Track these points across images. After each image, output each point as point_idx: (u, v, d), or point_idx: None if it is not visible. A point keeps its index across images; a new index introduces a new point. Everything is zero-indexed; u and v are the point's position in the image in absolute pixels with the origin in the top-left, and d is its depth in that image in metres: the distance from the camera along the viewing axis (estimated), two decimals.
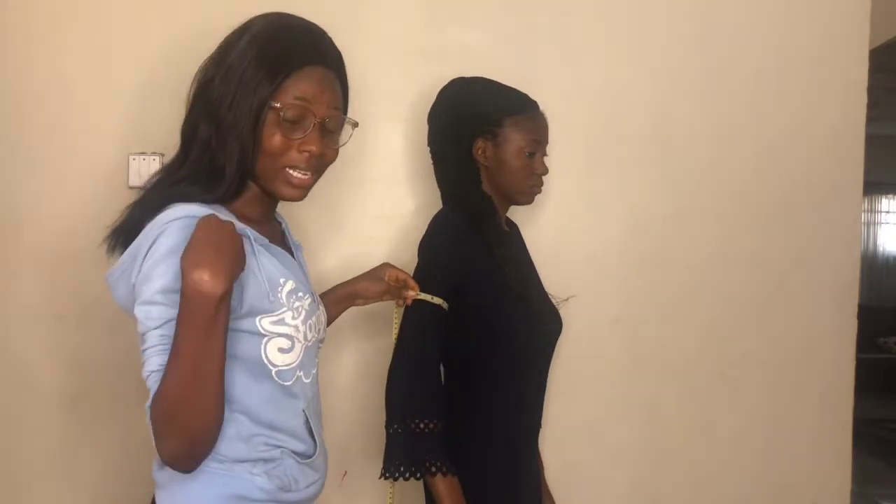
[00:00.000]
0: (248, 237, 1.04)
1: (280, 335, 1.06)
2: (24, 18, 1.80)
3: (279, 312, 1.06)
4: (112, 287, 1.05)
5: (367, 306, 1.47)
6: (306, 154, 1.06)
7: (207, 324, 0.89)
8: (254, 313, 1.03)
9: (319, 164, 1.09)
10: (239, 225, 1.02)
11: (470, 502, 1.35)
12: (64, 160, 1.81)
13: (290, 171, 1.06)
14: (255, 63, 1.03)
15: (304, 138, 1.05)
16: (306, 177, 1.08)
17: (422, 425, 1.32)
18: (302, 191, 1.09)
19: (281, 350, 1.06)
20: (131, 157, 1.80)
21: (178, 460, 0.96)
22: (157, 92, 1.77)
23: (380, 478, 1.35)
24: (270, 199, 1.13)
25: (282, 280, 1.08)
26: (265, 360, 1.05)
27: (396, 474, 1.33)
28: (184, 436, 0.93)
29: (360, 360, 1.84)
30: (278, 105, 1.03)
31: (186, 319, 0.90)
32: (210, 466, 1.03)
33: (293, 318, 1.07)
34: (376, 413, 1.39)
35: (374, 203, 1.88)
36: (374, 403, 1.40)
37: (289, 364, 1.07)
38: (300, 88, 1.04)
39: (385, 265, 1.41)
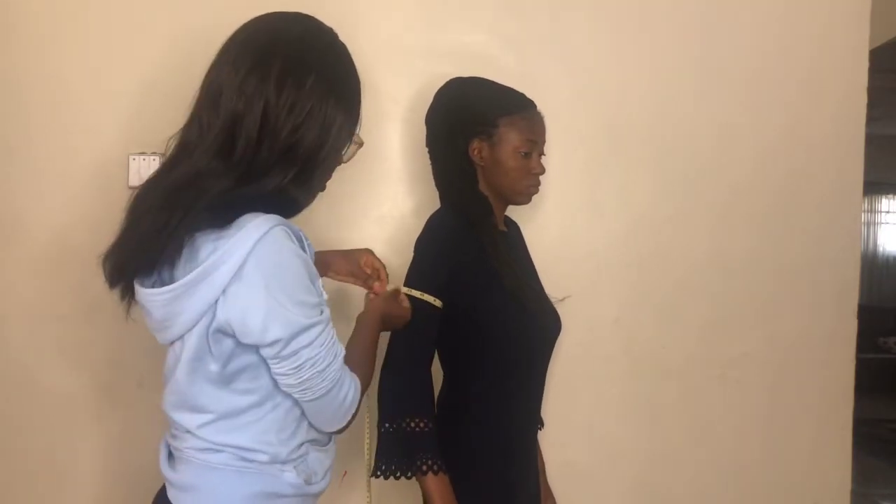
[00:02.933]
0: (303, 238, 1.07)
1: None
2: (24, 19, 1.80)
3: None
4: (159, 307, 1.02)
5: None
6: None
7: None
8: None
9: None
10: (295, 227, 1.05)
11: (466, 502, 1.35)
12: (64, 160, 1.81)
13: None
14: (347, 108, 1.07)
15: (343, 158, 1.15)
16: None
17: (412, 424, 1.33)
18: None
19: None
20: (131, 157, 1.80)
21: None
22: (158, 92, 1.77)
23: (371, 476, 1.35)
24: None
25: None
26: None
27: (388, 473, 1.33)
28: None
29: None
30: (355, 140, 1.12)
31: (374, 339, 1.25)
32: (237, 464, 1.04)
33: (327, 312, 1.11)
34: (375, 412, 1.39)
35: (374, 203, 1.88)
36: (373, 402, 1.40)
37: None
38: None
39: (365, 251, 1.41)
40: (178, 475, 1.08)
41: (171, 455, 1.12)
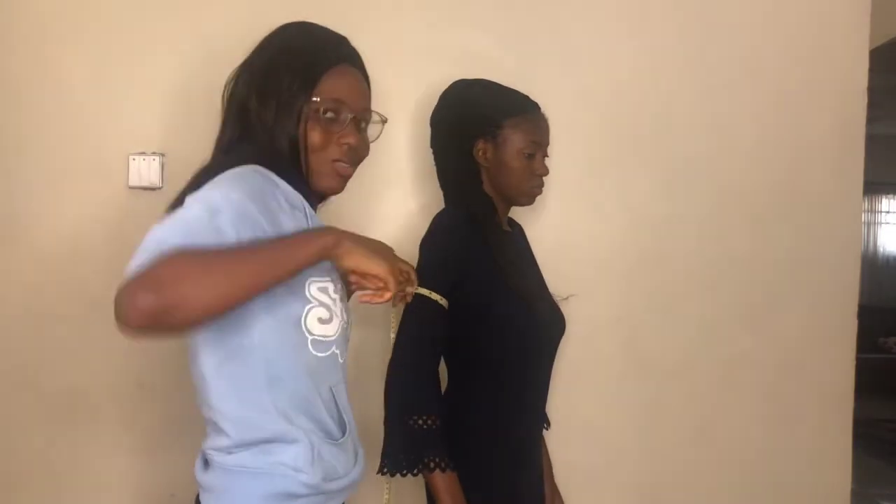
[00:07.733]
0: (304, 208, 1.10)
1: (322, 304, 1.07)
2: (24, 19, 1.80)
3: (324, 280, 1.08)
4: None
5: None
6: (345, 146, 1.13)
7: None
8: (305, 274, 1.04)
9: (356, 157, 1.17)
10: (294, 192, 1.09)
11: (470, 500, 1.35)
12: (64, 160, 1.81)
13: (337, 164, 1.14)
14: (290, 68, 1.10)
15: (342, 132, 1.13)
16: (350, 168, 1.16)
17: (420, 421, 1.33)
18: (344, 182, 1.18)
19: (321, 320, 1.07)
20: (131, 157, 1.80)
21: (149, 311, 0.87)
22: (158, 92, 1.78)
23: (378, 473, 1.35)
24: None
25: None
26: (304, 328, 1.06)
27: (395, 470, 1.33)
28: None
29: (361, 357, 1.83)
30: (317, 100, 1.10)
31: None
32: (252, 466, 1.04)
33: (334, 291, 1.10)
34: (378, 409, 1.39)
35: (377, 203, 1.88)
36: (375, 400, 1.40)
37: (327, 336, 1.08)
38: (334, 87, 1.12)
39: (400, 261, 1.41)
40: (206, 475, 1.08)
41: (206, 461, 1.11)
